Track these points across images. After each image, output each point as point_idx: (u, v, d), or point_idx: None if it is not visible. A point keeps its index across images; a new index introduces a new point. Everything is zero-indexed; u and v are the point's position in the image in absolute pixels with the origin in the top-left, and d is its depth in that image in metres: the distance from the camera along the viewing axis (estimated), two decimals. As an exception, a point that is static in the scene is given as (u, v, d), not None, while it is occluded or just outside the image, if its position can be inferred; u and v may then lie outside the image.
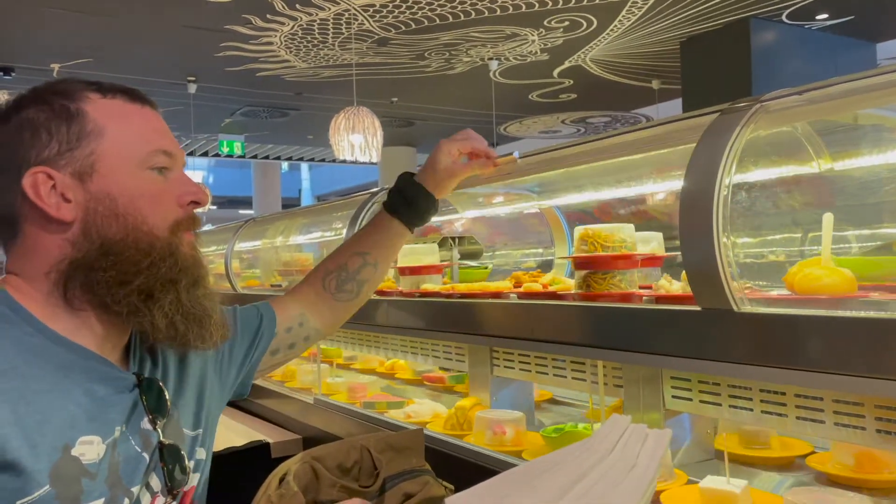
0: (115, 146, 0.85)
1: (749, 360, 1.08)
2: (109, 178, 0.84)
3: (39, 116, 0.84)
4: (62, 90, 0.86)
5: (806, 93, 1.16)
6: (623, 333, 1.31)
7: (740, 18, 6.18)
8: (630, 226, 1.55)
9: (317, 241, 3.36)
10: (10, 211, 0.84)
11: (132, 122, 0.88)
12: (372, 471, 0.87)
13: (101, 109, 0.86)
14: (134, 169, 0.86)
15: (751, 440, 1.46)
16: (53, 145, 0.83)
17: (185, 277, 0.87)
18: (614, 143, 1.60)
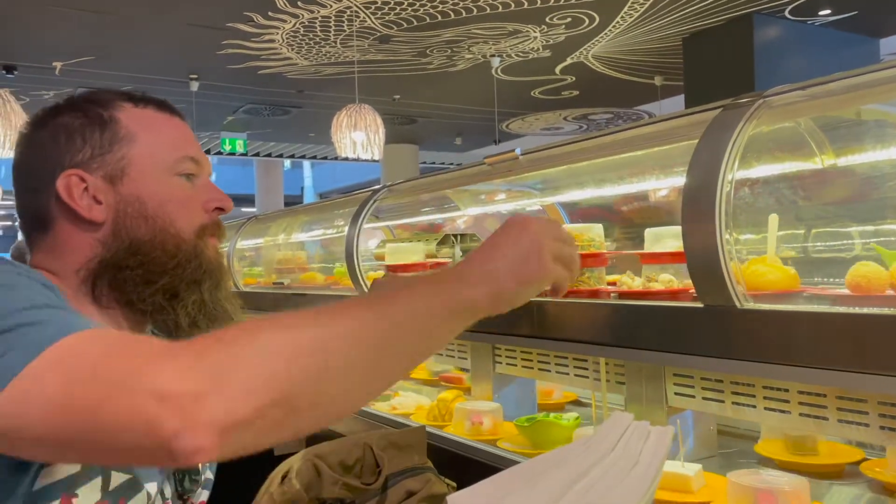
0: (146, 152, 0.90)
1: (752, 356, 1.08)
2: (139, 182, 0.89)
3: (74, 122, 0.88)
4: (96, 99, 0.91)
5: (809, 88, 1.16)
6: (626, 330, 1.31)
7: (743, 14, 6.16)
8: (599, 226, 1.64)
9: (319, 239, 3.36)
10: (43, 210, 0.88)
11: (162, 131, 0.92)
12: (374, 468, 0.87)
13: (132, 117, 0.91)
14: (163, 174, 0.90)
15: (797, 446, 1.35)
16: (87, 150, 0.88)
17: (209, 279, 0.91)
18: (616, 139, 1.60)
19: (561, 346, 1.48)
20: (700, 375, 1.28)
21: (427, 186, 2.49)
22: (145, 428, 0.58)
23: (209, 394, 0.58)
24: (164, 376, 0.59)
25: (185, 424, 0.57)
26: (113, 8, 5.73)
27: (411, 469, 0.88)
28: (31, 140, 0.91)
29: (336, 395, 0.64)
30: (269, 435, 0.61)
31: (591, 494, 0.80)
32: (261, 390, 0.59)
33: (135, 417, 0.58)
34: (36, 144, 0.90)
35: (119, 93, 0.93)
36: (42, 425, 0.61)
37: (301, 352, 0.62)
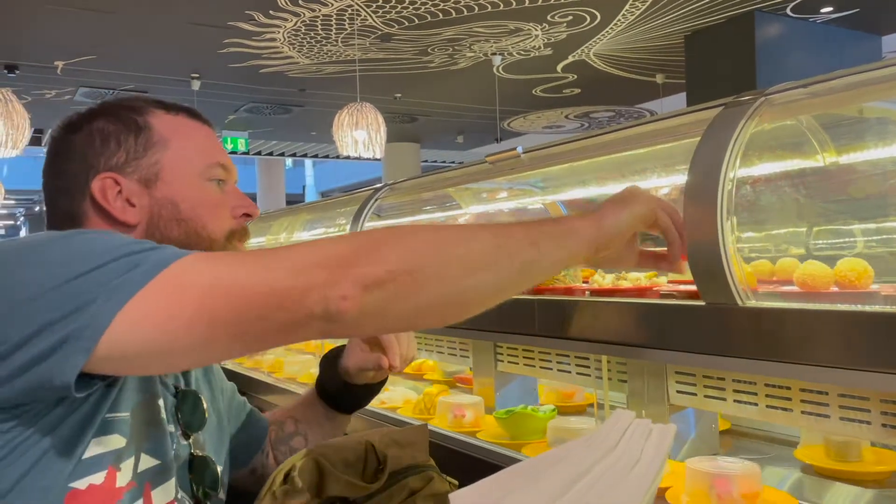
0: (179, 157, 0.92)
1: (754, 354, 1.08)
2: (173, 186, 0.91)
3: (109, 127, 0.91)
4: (130, 105, 0.94)
5: (811, 86, 1.16)
6: (627, 328, 1.31)
7: (744, 12, 6.15)
8: None
9: (321, 238, 3.36)
10: (76, 211, 0.90)
11: (193, 137, 0.95)
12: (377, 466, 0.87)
13: (165, 124, 0.93)
14: (195, 179, 0.93)
15: (839, 453, 1.30)
16: (121, 154, 0.90)
17: None
18: (618, 137, 1.60)
19: (562, 345, 1.48)
20: (702, 373, 1.28)
21: (429, 185, 2.49)
22: (300, 288, 0.68)
23: (353, 260, 0.69)
24: (308, 253, 0.71)
25: (333, 279, 0.67)
26: (114, 7, 5.73)
27: (413, 467, 0.88)
28: (64, 143, 0.93)
29: (453, 277, 0.74)
30: (400, 299, 0.71)
31: (593, 492, 0.80)
32: (392, 258, 0.70)
33: (290, 280, 0.68)
34: (70, 147, 0.92)
35: (151, 100, 0.96)
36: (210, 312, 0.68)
37: (426, 237, 0.75)
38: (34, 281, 0.68)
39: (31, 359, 0.66)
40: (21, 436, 0.71)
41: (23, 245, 0.74)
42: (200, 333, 0.68)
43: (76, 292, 0.67)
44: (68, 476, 0.74)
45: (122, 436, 0.80)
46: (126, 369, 0.74)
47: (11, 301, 0.67)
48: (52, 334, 0.66)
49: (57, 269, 0.68)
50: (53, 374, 0.66)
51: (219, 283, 0.69)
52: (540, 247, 0.82)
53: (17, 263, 0.71)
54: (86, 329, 0.66)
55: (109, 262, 0.69)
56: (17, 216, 26.43)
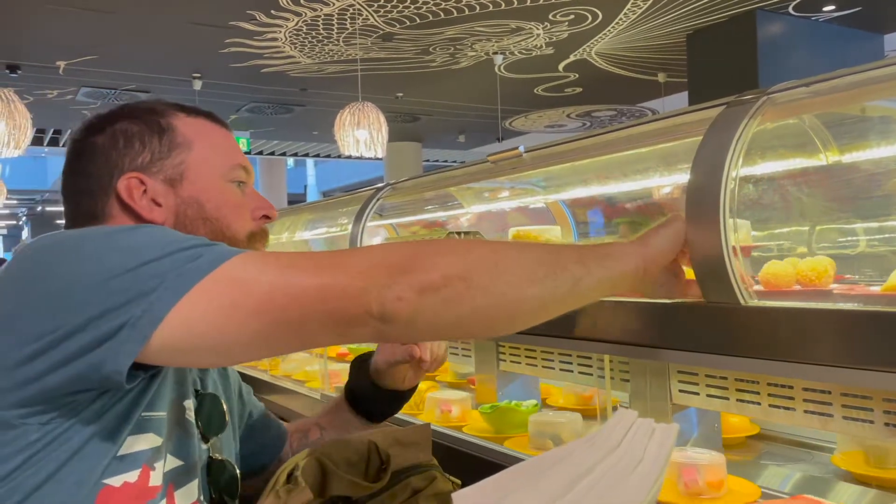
0: (202, 158, 0.94)
1: (756, 353, 1.08)
2: (198, 186, 0.93)
3: (132, 128, 0.92)
4: (151, 108, 0.96)
5: (813, 85, 1.15)
6: (630, 328, 1.31)
7: (746, 11, 6.14)
8: (556, 228, 1.77)
9: (323, 237, 3.36)
10: (100, 212, 0.91)
11: (215, 139, 0.97)
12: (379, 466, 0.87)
13: (188, 126, 0.95)
14: (218, 180, 0.94)
15: (879, 459, 1.27)
16: (146, 154, 0.91)
17: None
18: (620, 136, 1.59)
19: (565, 344, 1.48)
20: (704, 373, 1.28)
21: (430, 184, 2.49)
22: (359, 287, 0.69)
23: (409, 265, 0.71)
24: (365, 257, 0.74)
25: (391, 280, 0.69)
26: (116, 7, 5.73)
27: (416, 467, 0.88)
28: (86, 145, 0.93)
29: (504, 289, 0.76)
30: (453, 305, 0.72)
31: (595, 492, 0.80)
32: (447, 265, 0.72)
33: (349, 280, 0.70)
34: (93, 149, 0.92)
35: (171, 103, 0.98)
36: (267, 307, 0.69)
37: (479, 251, 0.78)
38: (96, 268, 0.69)
39: (86, 345, 0.67)
40: (59, 429, 0.71)
41: (87, 234, 0.75)
42: (258, 328, 0.69)
43: (135, 281, 0.68)
44: (103, 472, 0.74)
45: (158, 435, 0.80)
46: (179, 360, 0.76)
47: (72, 287, 0.68)
48: (110, 321, 0.67)
49: (118, 257, 0.70)
50: (106, 361, 0.67)
51: (278, 280, 0.70)
52: (588, 265, 0.84)
53: (82, 251, 0.72)
54: (142, 318, 0.67)
55: (169, 255, 0.70)
56: (19, 216, 26.46)
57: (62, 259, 0.71)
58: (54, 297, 0.68)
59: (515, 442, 1.55)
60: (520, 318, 0.81)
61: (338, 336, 0.74)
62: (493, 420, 1.67)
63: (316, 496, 0.83)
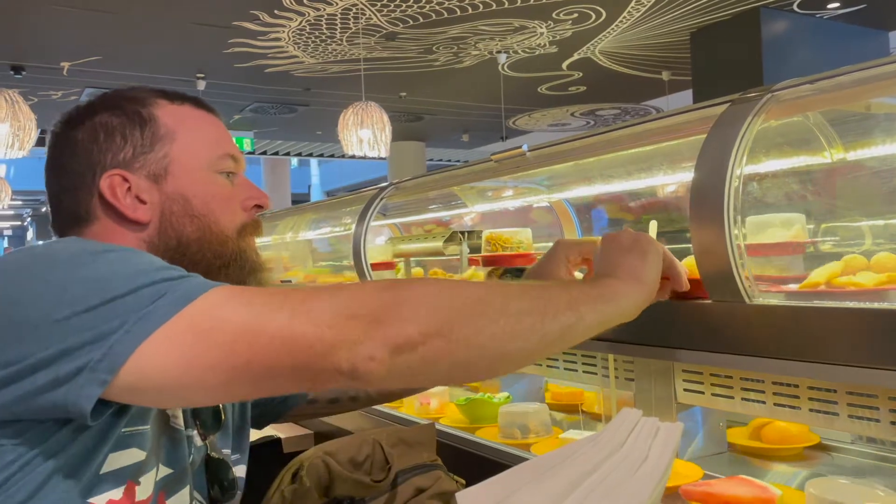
0: (187, 149, 0.89)
1: (762, 352, 1.07)
2: (183, 180, 0.88)
3: (113, 121, 0.88)
4: (132, 96, 0.90)
5: (818, 82, 1.15)
6: (634, 327, 1.30)
7: (750, 8, 6.13)
8: (527, 230, 1.87)
9: (326, 237, 3.36)
10: (83, 210, 0.87)
11: (201, 128, 0.92)
12: (384, 465, 0.87)
13: (171, 115, 0.90)
14: (205, 172, 0.90)
15: None
16: (128, 149, 0.87)
17: (253, 281, 0.91)
18: (624, 134, 1.59)
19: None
20: (709, 371, 1.28)
21: (434, 183, 2.48)
22: (328, 343, 0.65)
23: (384, 316, 0.66)
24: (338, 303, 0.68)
25: (363, 337, 0.65)
26: (120, 8, 5.74)
27: (421, 466, 0.88)
28: (66, 139, 0.90)
29: (485, 343, 0.71)
30: (429, 363, 0.68)
31: (600, 491, 0.80)
32: (425, 318, 0.67)
33: (318, 333, 0.66)
34: (73, 143, 0.89)
35: (154, 90, 0.92)
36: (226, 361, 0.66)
37: (462, 298, 0.71)
38: (59, 301, 0.66)
39: (47, 383, 0.65)
40: (34, 450, 0.69)
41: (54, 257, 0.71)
42: (221, 376, 0.66)
43: (97, 321, 0.65)
44: (85, 491, 0.72)
45: (142, 449, 0.78)
46: (140, 401, 0.72)
47: (36, 319, 0.66)
48: (69, 363, 0.65)
49: (81, 291, 0.66)
50: (67, 402, 0.65)
51: (244, 329, 0.66)
52: (579, 310, 0.80)
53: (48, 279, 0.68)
54: (102, 361, 0.64)
55: (133, 291, 0.66)
56: (23, 217, 26.55)
57: (28, 286, 0.68)
58: (19, 326, 0.66)
59: (487, 432, 1.66)
60: (502, 368, 0.78)
61: (304, 388, 0.72)
62: (468, 411, 1.77)
63: (321, 496, 0.83)
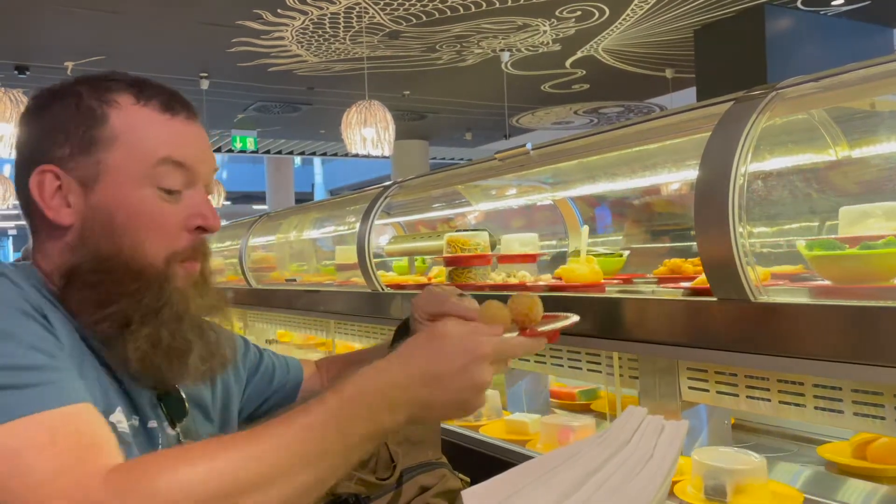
0: (124, 158, 0.80)
1: (766, 350, 1.07)
2: (111, 191, 0.80)
3: (64, 114, 0.82)
4: (99, 88, 0.83)
5: (822, 79, 1.15)
6: (639, 325, 1.30)
7: (755, 5, 6.11)
8: (484, 232, 1.98)
9: (331, 236, 3.37)
10: (23, 206, 0.83)
11: (150, 133, 0.82)
12: (389, 463, 0.87)
13: (124, 116, 0.82)
14: (136, 185, 0.81)
15: None
16: (67, 147, 0.81)
17: (169, 310, 0.81)
18: (627, 133, 1.59)
19: (573, 341, 1.48)
20: (714, 369, 1.28)
21: (438, 182, 2.49)
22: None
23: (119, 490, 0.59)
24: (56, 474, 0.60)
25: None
26: (123, 7, 5.75)
27: (426, 464, 0.88)
28: (27, 120, 0.85)
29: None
30: None
31: (606, 488, 0.80)
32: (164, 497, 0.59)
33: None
34: (28, 128, 0.84)
35: (128, 82, 0.84)
36: None
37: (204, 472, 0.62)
38: None
39: None
40: None
41: None
42: None
43: None
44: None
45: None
46: None
47: None
48: None
49: None
50: None
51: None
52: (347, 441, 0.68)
53: None
54: None
55: None
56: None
57: None
58: None
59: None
60: None
61: None
62: None
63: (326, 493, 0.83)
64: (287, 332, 3.44)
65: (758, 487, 1.18)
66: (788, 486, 1.25)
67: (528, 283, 1.80)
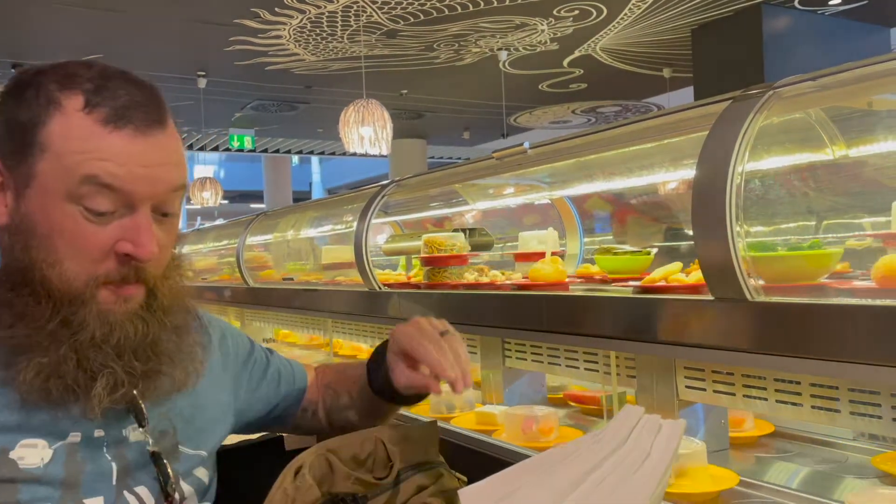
0: (51, 169, 0.75)
1: (763, 349, 1.07)
2: (36, 203, 0.75)
3: (14, 108, 0.77)
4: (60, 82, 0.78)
5: (819, 79, 1.15)
6: (636, 324, 1.30)
7: (752, 5, 6.12)
8: (460, 234, 2.07)
9: (328, 234, 3.37)
10: None
11: (79, 147, 0.75)
12: (386, 462, 0.87)
13: (63, 123, 0.75)
14: (60, 199, 0.75)
15: None
16: (9, 145, 0.77)
17: (78, 336, 0.76)
18: (625, 132, 1.59)
19: (571, 340, 1.48)
20: (711, 368, 1.28)
21: (435, 181, 2.49)
22: None
23: None
24: None
25: None
26: (121, 5, 5.75)
27: (423, 463, 0.88)
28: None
29: None
30: None
31: (603, 488, 0.80)
32: None
33: None
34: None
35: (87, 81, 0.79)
36: None
37: None
38: None
39: None
40: None
41: None
42: None
43: None
44: None
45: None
46: None
47: None
48: None
49: None
50: None
51: None
52: None
53: None
54: None
55: None
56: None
57: None
58: None
59: (419, 409, 1.86)
60: None
61: None
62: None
63: (323, 493, 0.83)
64: (291, 332, 3.45)
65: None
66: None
67: (497, 283, 1.83)
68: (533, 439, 1.52)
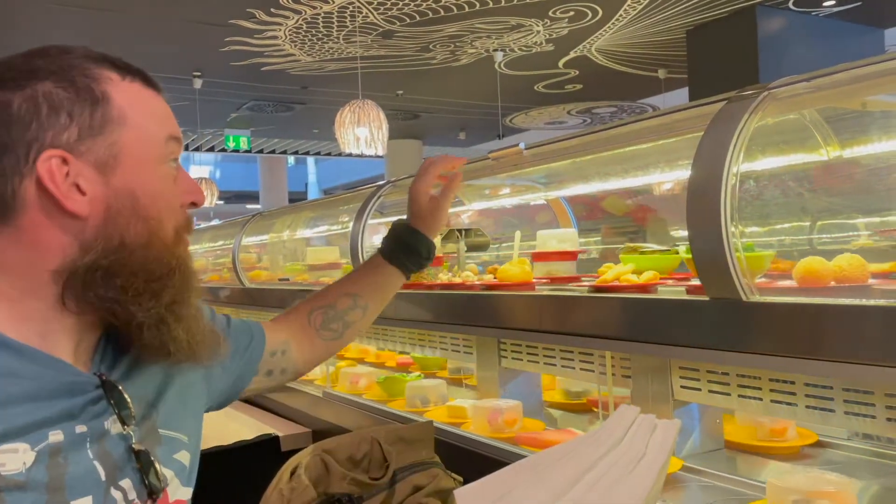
0: (138, 137, 0.78)
1: (758, 349, 1.08)
2: (132, 173, 0.77)
3: (60, 94, 0.75)
4: (81, 66, 0.77)
5: (814, 80, 1.15)
6: (631, 324, 1.31)
7: (747, 6, 6.14)
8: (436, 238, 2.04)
9: (324, 235, 3.36)
10: (12, 193, 0.74)
11: (150, 111, 0.81)
12: (382, 463, 0.87)
13: (123, 94, 0.78)
14: (155, 164, 0.80)
15: None
16: (73, 129, 0.75)
17: (193, 289, 0.81)
18: (620, 133, 1.59)
19: (566, 340, 1.48)
20: (706, 368, 1.28)
21: (431, 182, 2.48)
22: None
23: None
24: None
25: None
26: (116, 5, 5.73)
27: (419, 464, 0.88)
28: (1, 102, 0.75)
29: None
30: None
31: (598, 487, 0.80)
32: None
33: None
34: (7, 110, 0.74)
35: (102, 59, 0.80)
36: None
37: None
38: None
39: None
40: None
41: None
42: None
43: None
44: None
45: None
46: None
47: None
48: None
49: None
50: None
51: None
52: None
53: None
54: None
55: None
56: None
57: None
58: None
59: (400, 403, 2.04)
60: None
61: None
62: (385, 387, 2.17)
63: (319, 494, 0.83)
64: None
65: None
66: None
67: (467, 283, 1.86)
68: (499, 430, 1.63)
